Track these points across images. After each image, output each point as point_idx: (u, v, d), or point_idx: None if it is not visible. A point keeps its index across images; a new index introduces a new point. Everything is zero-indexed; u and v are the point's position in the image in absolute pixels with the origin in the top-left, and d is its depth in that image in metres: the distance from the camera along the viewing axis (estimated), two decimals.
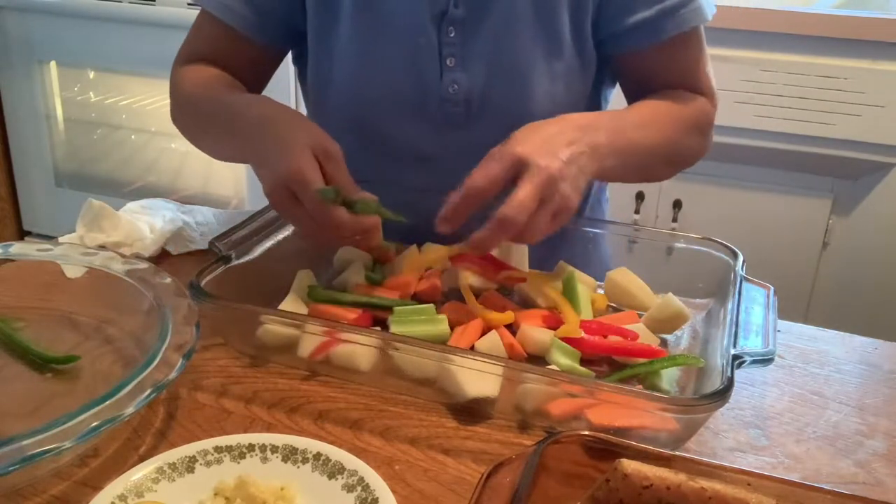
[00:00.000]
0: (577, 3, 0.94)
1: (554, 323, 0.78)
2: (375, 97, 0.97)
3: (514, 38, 0.93)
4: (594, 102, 1.04)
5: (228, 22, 0.97)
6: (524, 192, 0.73)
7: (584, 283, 0.83)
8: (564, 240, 0.96)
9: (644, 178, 0.98)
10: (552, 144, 0.77)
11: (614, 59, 1.00)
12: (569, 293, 0.81)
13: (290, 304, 0.78)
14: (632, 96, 1.02)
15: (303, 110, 1.06)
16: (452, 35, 0.93)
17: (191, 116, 0.99)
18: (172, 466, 0.59)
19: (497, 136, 0.97)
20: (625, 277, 0.85)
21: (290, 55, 1.07)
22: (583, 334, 0.76)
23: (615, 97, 1.07)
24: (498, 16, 0.93)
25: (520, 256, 0.88)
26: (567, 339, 0.74)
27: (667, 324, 0.80)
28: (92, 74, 2.36)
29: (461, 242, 0.87)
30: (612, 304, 0.86)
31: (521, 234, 0.74)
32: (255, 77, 1.03)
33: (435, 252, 0.89)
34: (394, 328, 0.74)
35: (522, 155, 0.75)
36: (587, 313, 0.79)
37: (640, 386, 0.71)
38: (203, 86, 0.97)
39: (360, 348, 0.71)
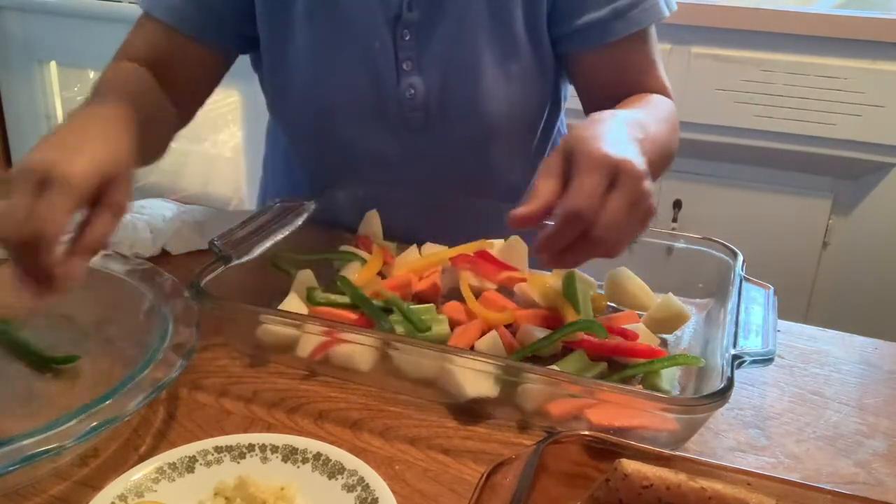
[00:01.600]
0: (531, 3, 0.93)
1: (554, 323, 0.78)
2: (334, 103, 0.97)
3: (469, 40, 0.93)
4: (554, 102, 1.04)
5: (177, 26, 0.93)
6: (614, 205, 0.64)
7: (584, 283, 0.83)
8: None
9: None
10: (627, 141, 0.69)
11: (566, 59, 0.99)
12: (569, 293, 0.81)
13: (290, 304, 0.78)
14: (586, 96, 1.01)
15: None
16: (407, 38, 0.93)
17: None
18: (172, 466, 0.59)
19: (456, 138, 0.98)
20: (625, 277, 0.85)
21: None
22: (583, 335, 0.76)
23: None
24: (452, 18, 0.93)
25: (520, 256, 0.88)
26: (568, 340, 0.74)
27: (667, 324, 0.80)
28: (92, 74, 2.36)
29: (464, 244, 0.88)
30: (612, 304, 0.85)
31: (613, 248, 0.66)
32: (199, 82, 1.00)
33: (435, 252, 0.89)
34: (394, 327, 0.74)
35: (615, 159, 0.65)
36: (587, 313, 0.79)
37: (640, 386, 0.71)
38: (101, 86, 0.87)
39: (359, 348, 0.71)
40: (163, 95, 0.93)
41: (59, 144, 0.64)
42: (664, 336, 0.80)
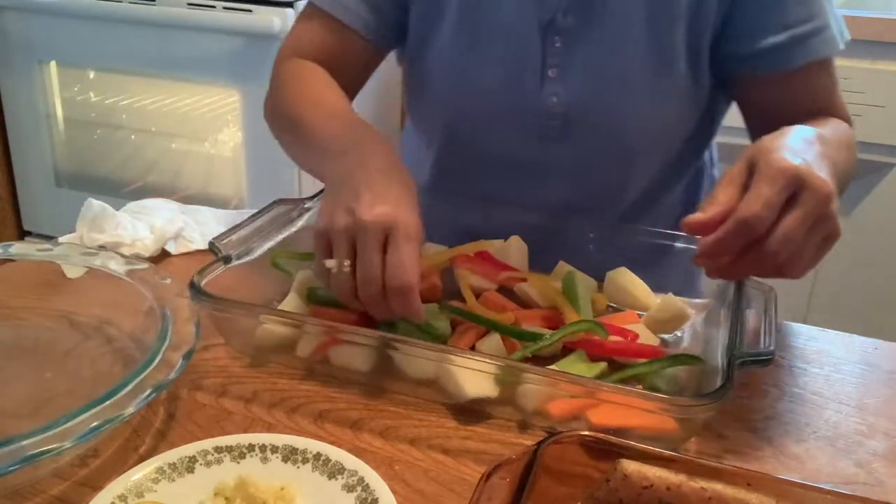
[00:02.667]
0: (695, 16, 0.89)
1: (554, 323, 0.78)
2: (471, 104, 0.96)
3: (622, 51, 0.90)
4: (704, 126, 0.99)
5: (347, 22, 0.96)
6: (793, 222, 0.62)
7: (584, 283, 0.83)
8: (565, 240, 0.96)
9: None
10: (814, 159, 0.66)
11: (735, 81, 0.95)
12: (569, 293, 0.81)
13: (290, 304, 0.78)
14: (753, 120, 0.97)
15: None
16: (558, 45, 0.91)
17: (285, 119, 0.95)
18: (172, 466, 0.59)
19: (593, 151, 0.94)
20: (625, 277, 0.85)
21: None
22: (583, 334, 0.76)
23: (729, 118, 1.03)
24: (607, 28, 0.89)
25: (520, 256, 0.88)
26: (568, 340, 0.74)
27: (667, 324, 0.80)
28: (92, 74, 2.36)
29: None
30: (612, 304, 0.85)
31: (785, 266, 0.65)
32: (359, 75, 1.02)
33: (435, 252, 0.89)
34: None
35: (799, 172, 0.63)
36: (587, 313, 0.79)
37: (640, 386, 0.71)
38: (306, 89, 0.93)
39: (359, 348, 0.71)
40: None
41: (377, 194, 0.69)
42: (664, 336, 0.80)
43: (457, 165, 1.03)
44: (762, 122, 0.93)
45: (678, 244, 0.88)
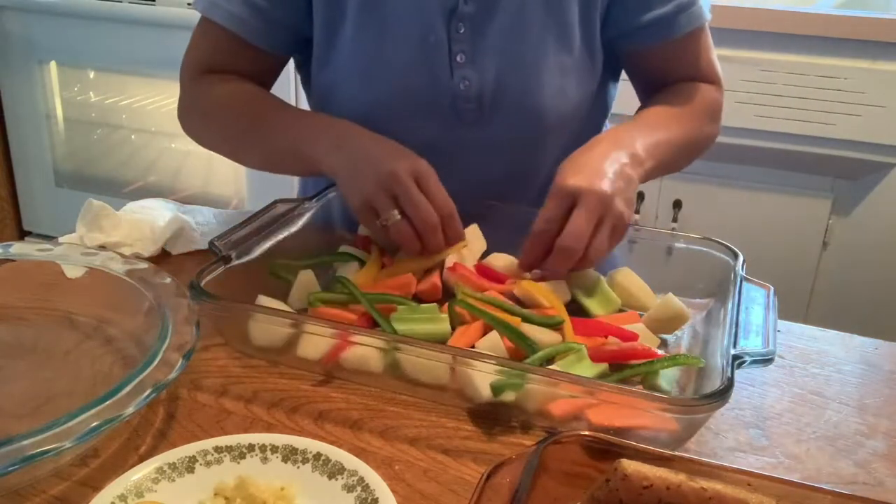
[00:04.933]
0: None
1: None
2: (385, 97, 0.97)
3: (524, 32, 0.94)
4: (601, 99, 1.04)
5: (237, 31, 0.96)
6: (577, 220, 0.77)
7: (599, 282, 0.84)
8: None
9: (668, 172, 1.00)
10: (597, 166, 0.81)
11: (625, 55, 1.01)
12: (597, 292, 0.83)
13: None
14: (642, 90, 1.05)
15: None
16: (462, 31, 0.93)
17: (229, 127, 0.99)
18: (172, 466, 0.59)
19: (509, 132, 0.98)
20: (625, 277, 0.85)
21: (292, 63, 1.07)
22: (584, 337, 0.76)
23: (621, 94, 1.09)
24: (507, 11, 0.93)
25: (480, 244, 0.89)
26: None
27: (667, 324, 0.80)
28: (92, 74, 2.36)
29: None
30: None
31: (584, 259, 0.78)
32: (260, 84, 1.02)
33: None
34: (395, 326, 0.74)
35: (572, 186, 0.78)
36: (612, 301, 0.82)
37: (640, 386, 0.71)
38: (244, 98, 0.98)
39: (369, 350, 0.70)
40: None
41: (387, 155, 0.85)
42: (664, 336, 0.80)
43: None
44: (647, 87, 1.04)
45: (678, 244, 0.88)
